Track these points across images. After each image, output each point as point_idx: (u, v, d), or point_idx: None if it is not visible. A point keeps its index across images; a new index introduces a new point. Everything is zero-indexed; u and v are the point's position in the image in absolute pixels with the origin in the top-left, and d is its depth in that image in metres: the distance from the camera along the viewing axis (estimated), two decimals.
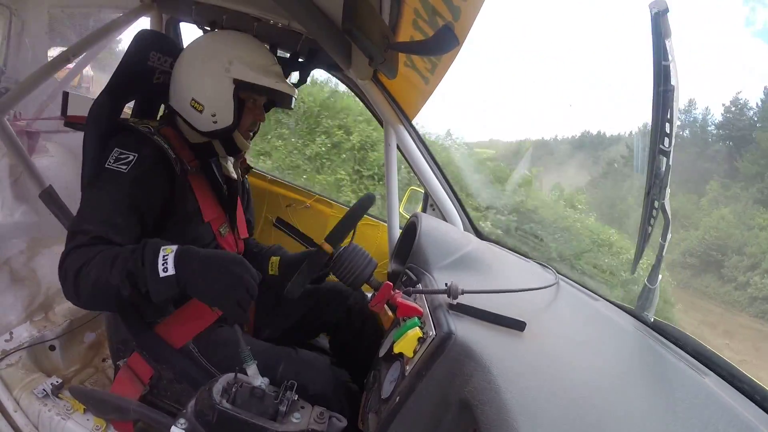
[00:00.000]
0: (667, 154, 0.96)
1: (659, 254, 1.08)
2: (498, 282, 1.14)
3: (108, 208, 0.98)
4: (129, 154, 1.02)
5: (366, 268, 1.11)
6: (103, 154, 1.03)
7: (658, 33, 0.88)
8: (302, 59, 1.36)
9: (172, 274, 0.86)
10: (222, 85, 1.10)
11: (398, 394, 0.75)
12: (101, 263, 0.90)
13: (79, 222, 0.98)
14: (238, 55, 1.11)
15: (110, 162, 1.01)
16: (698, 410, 0.81)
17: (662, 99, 0.91)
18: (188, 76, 1.13)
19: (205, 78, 1.11)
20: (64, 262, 0.94)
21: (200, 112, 1.12)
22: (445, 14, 0.98)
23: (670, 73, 0.90)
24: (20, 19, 2.07)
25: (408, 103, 1.58)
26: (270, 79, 1.13)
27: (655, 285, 1.13)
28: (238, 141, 1.19)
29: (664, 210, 1.02)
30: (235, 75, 1.10)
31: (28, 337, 1.50)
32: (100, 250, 0.92)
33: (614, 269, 5.92)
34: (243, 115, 1.16)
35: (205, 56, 1.12)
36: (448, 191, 1.69)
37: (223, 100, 1.11)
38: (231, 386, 0.81)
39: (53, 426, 1.31)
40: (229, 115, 1.13)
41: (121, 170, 1.01)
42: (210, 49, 1.13)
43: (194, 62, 1.13)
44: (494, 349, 0.72)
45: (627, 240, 6.59)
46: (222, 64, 1.10)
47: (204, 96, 1.11)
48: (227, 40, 1.15)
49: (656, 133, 0.96)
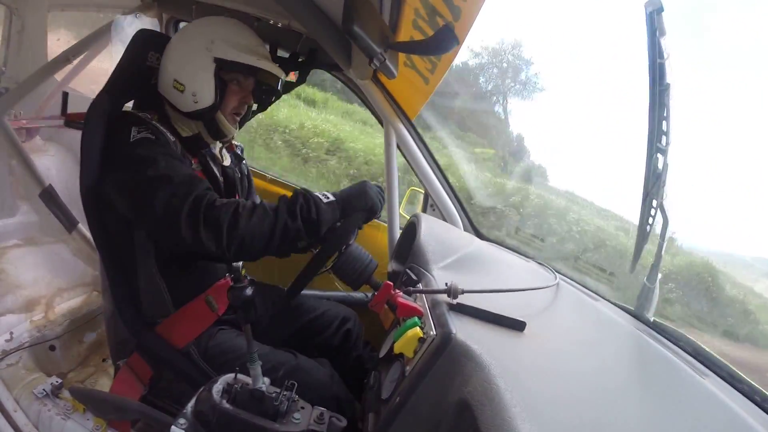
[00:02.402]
0: (664, 152, 0.96)
1: (658, 253, 1.08)
2: (498, 282, 1.14)
3: (176, 162, 1.02)
4: (144, 127, 1.04)
5: (366, 268, 1.11)
6: (119, 139, 1.04)
7: (653, 31, 0.88)
8: (302, 59, 1.36)
9: (333, 200, 1.03)
10: (202, 63, 1.09)
11: (398, 395, 0.75)
12: (260, 207, 0.98)
13: (172, 176, 0.97)
14: (220, 34, 1.11)
15: (135, 135, 1.02)
16: (698, 411, 0.81)
17: (658, 97, 0.92)
18: (171, 58, 1.13)
19: (187, 57, 1.11)
20: (201, 209, 0.94)
21: (182, 93, 1.11)
22: (446, 14, 0.98)
23: (665, 71, 0.90)
24: (20, 18, 2.07)
25: (408, 102, 1.58)
26: (252, 58, 1.11)
27: (654, 284, 1.13)
28: (221, 123, 1.16)
29: (663, 209, 1.02)
30: (216, 54, 1.09)
31: (28, 337, 1.50)
32: (236, 201, 0.98)
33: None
34: (226, 96, 1.14)
35: (187, 37, 1.13)
36: (448, 191, 1.68)
37: (203, 79, 1.10)
38: (231, 386, 0.81)
39: (53, 426, 1.31)
40: (210, 95, 1.11)
41: (150, 137, 1.03)
42: (193, 30, 1.14)
43: (178, 44, 1.13)
44: (494, 350, 0.72)
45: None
46: (203, 43, 1.09)
47: (185, 75, 1.11)
48: (211, 22, 1.15)
49: (653, 132, 0.96)
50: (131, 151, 1.01)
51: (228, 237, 0.94)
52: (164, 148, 1.04)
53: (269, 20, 1.37)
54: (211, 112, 1.14)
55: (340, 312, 1.38)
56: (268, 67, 1.14)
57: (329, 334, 1.33)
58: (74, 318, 1.65)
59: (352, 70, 1.26)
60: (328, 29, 1.10)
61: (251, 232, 0.95)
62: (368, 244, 1.24)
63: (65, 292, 1.76)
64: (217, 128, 1.17)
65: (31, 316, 1.59)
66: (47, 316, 1.61)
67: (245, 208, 0.96)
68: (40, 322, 1.58)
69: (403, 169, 1.71)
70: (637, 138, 1.15)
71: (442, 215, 1.66)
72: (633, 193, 3.26)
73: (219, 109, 1.14)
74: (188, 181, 0.98)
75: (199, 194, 0.96)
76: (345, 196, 1.05)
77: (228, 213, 0.94)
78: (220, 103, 1.14)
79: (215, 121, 1.15)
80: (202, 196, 0.96)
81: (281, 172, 5.88)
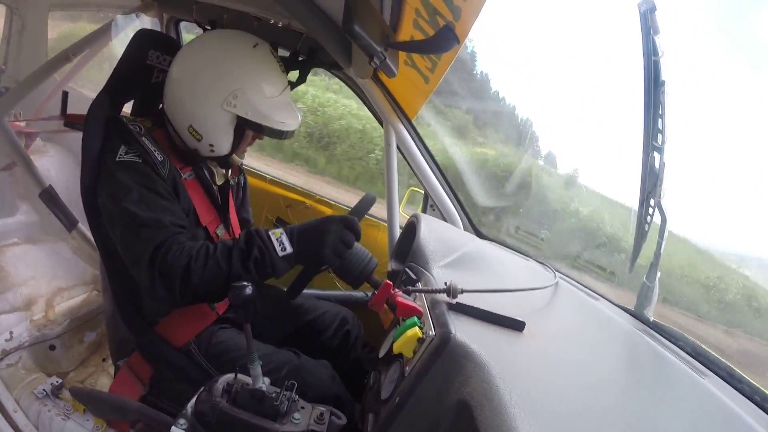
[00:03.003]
0: (660, 150, 0.96)
1: (657, 251, 1.08)
2: (497, 281, 1.14)
3: (152, 197, 1.00)
4: (132, 148, 1.03)
5: (366, 267, 1.11)
6: (110, 151, 1.03)
7: (647, 30, 0.88)
8: (302, 58, 1.36)
9: (290, 252, 0.97)
10: (223, 119, 1.06)
11: (398, 395, 0.75)
12: (212, 258, 0.95)
13: (142, 213, 0.97)
14: (244, 84, 1.04)
15: (121, 155, 1.01)
16: (697, 410, 0.81)
17: (653, 95, 0.92)
18: (186, 99, 1.07)
19: (206, 110, 1.06)
20: (157, 259, 0.93)
21: (198, 141, 1.09)
22: (446, 14, 0.98)
23: (660, 69, 0.90)
24: (20, 18, 2.07)
25: (408, 102, 1.58)
26: (276, 120, 1.07)
27: (653, 283, 1.13)
28: (232, 161, 1.17)
29: (660, 207, 1.02)
30: (239, 112, 1.05)
31: (28, 337, 1.50)
32: (192, 245, 0.96)
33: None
34: (242, 141, 1.13)
35: (206, 81, 1.04)
36: (448, 191, 1.68)
37: (223, 131, 1.08)
38: (231, 386, 0.81)
39: (53, 426, 1.31)
40: (227, 145, 1.11)
41: (135, 161, 1.01)
42: (213, 71, 1.04)
43: (194, 85, 1.05)
44: (493, 350, 0.72)
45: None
46: (224, 96, 1.03)
47: (203, 127, 1.07)
48: (235, 61, 1.05)
49: (649, 130, 0.96)
50: (114, 171, 1.01)
51: (181, 291, 0.94)
52: (145, 177, 1.01)
53: (269, 20, 1.37)
54: (226, 157, 1.14)
55: (340, 313, 1.38)
56: (291, 127, 1.10)
57: (328, 335, 1.33)
58: (74, 317, 1.65)
59: (352, 69, 1.27)
60: (328, 28, 1.09)
61: (203, 286, 0.95)
62: (368, 243, 1.24)
63: (65, 292, 1.76)
64: (227, 162, 1.18)
65: (31, 315, 1.59)
66: (47, 316, 1.61)
67: (198, 259, 0.94)
68: (40, 322, 1.58)
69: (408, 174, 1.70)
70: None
71: (442, 215, 1.66)
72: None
73: (234, 152, 1.14)
74: (153, 224, 0.97)
75: (158, 243, 0.95)
76: (301, 244, 0.99)
77: (180, 268, 0.93)
78: (236, 148, 1.13)
79: (226, 158, 1.15)
80: (160, 245, 0.94)
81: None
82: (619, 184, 4.74)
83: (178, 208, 1.05)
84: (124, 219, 0.98)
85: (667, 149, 0.96)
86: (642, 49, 0.91)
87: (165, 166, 1.05)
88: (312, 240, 0.99)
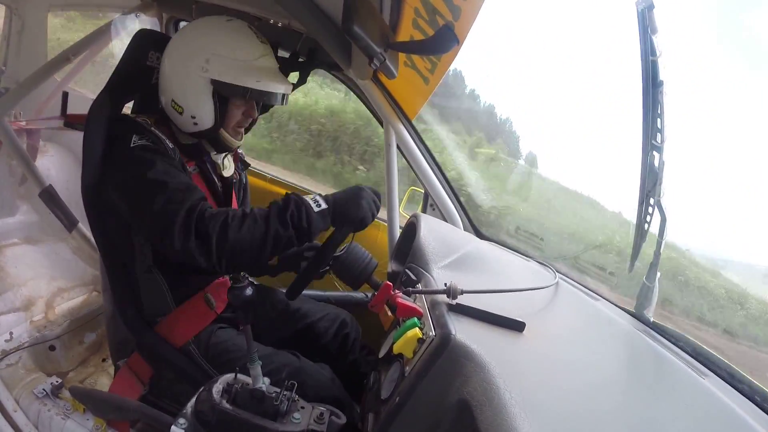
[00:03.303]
0: (659, 149, 0.96)
1: (657, 251, 1.08)
2: (498, 281, 1.14)
3: (174, 170, 1.01)
4: (144, 136, 1.03)
5: (366, 268, 1.11)
6: (121, 142, 1.03)
7: (645, 29, 0.88)
8: (302, 59, 1.36)
9: (325, 207, 1.00)
10: (199, 85, 1.05)
11: (398, 395, 0.75)
12: (250, 216, 0.95)
13: (168, 182, 0.96)
14: (217, 49, 1.04)
15: (135, 141, 1.02)
16: (697, 411, 0.81)
17: (652, 94, 0.92)
18: (167, 75, 1.10)
19: (183, 79, 1.07)
20: (193, 218, 0.92)
21: (180, 114, 1.09)
22: (446, 14, 0.98)
23: (658, 68, 0.90)
24: (20, 18, 2.06)
25: (408, 102, 1.58)
26: (250, 78, 1.05)
27: (653, 283, 1.13)
28: (224, 139, 1.14)
29: (660, 206, 1.01)
30: (212, 75, 1.04)
31: (28, 338, 1.50)
32: (225, 210, 0.96)
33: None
34: (228, 113, 1.10)
35: (182, 53, 1.07)
36: (448, 191, 1.68)
37: (201, 101, 1.06)
38: (231, 386, 0.81)
39: (53, 426, 1.31)
40: (209, 117, 1.08)
41: (150, 144, 1.02)
42: (189, 44, 1.08)
43: (173, 60, 1.09)
44: (493, 350, 0.72)
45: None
46: (199, 63, 1.04)
47: (182, 98, 1.08)
48: (207, 31, 1.08)
49: (648, 129, 0.95)
50: (132, 155, 1.01)
51: (218, 250, 0.92)
52: (163, 155, 1.03)
53: (269, 20, 1.37)
54: (213, 132, 1.12)
55: (339, 316, 1.37)
56: (270, 87, 1.08)
57: (328, 338, 1.32)
58: (74, 318, 1.65)
59: (351, 70, 1.27)
60: (328, 29, 1.09)
61: (241, 243, 0.93)
62: (368, 243, 1.24)
63: (65, 292, 1.76)
64: (221, 144, 1.15)
65: (31, 316, 1.59)
66: (47, 316, 1.61)
67: (235, 218, 0.94)
68: (40, 322, 1.58)
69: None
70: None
71: (442, 215, 1.66)
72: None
73: (221, 127, 1.11)
74: (184, 189, 0.97)
75: (192, 204, 0.94)
76: (337, 205, 1.01)
77: (217, 224, 0.92)
78: (222, 122, 1.10)
79: (218, 137, 1.13)
80: (195, 206, 0.94)
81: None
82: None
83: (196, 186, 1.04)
84: (153, 188, 0.96)
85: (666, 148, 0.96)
86: (639, 48, 0.91)
87: (176, 154, 1.07)
88: (347, 200, 1.02)
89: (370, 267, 1.11)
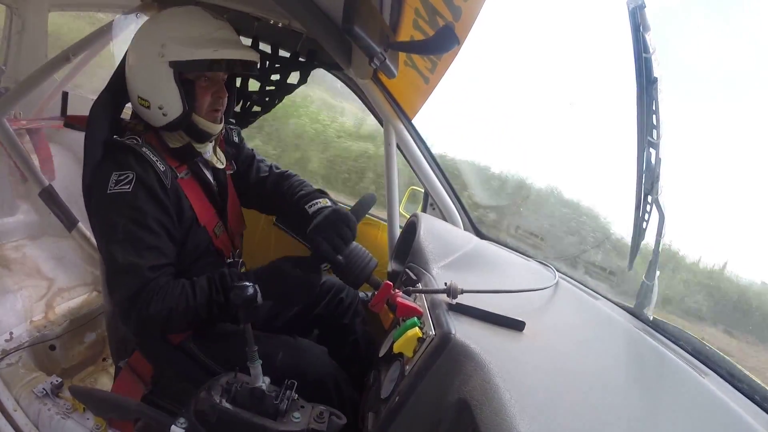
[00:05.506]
0: (656, 146, 0.96)
1: (656, 249, 1.08)
2: (498, 281, 1.14)
3: (138, 234, 0.98)
4: (127, 173, 1.00)
5: (366, 267, 1.10)
6: (102, 179, 1.01)
7: (637, 27, 0.88)
8: (302, 59, 1.36)
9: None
10: (159, 72, 1.02)
11: (398, 394, 0.75)
12: (183, 300, 0.98)
13: (122, 256, 0.97)
14: (170, 34, 1.02)
15: (111, 187, 0.99)
16: (697, 410, 0.81)
17: (646, 91, 0.92)
18: (131, 73, 1.07)
19: (143, 72, 1.04)
20: (135, 308, 0.95)
21: (148, 108, 1.05)
22: (446, 14, 0.98)
23: (652, 65, 0.90)
24: (20, 18, 2.07)
25: (408, 102, 1.58)
26: (207, 50, 1.01)
27: (653, 281, 1.13)
28: (201, 125, 1.08)
29: (658, 204, 1.01)
30: (170, 57, 1.00)
31: (28, 337, 1.50)
32: (172, 291, 0.98)
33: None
34: (197, 96, 1.06)
35: (138, 46, 1.05)
36: (448, 190, 1.69)
37: (165, 88, 1.02)
38: (231, 386, 0.81)
39: (53, 425, 1.31)
40: (177, 104, 1.04)
41: (125, 191, 0.99)
42: (145, 37, 1.05)
43: (133, 56, 1.06)
44: (493, 349, 0.72)
45: None
46: (155, 50, 1.01)
47: (147, 91, 1.04)
48: (159, 20, 1.06)
49: (643, 126, 0.95)
50: (105, 205, 1.01)
51: (162, 333, 1.05)
52: (135, 210, 0.99)
53: (269, 20, 1.37)
54: (186, 120, 1.06)
55: (334, 284, 1.37)
56: (229, 54, 1.03)
57: (323, 305, 1.34)
58: (74, 318, 1.65)
59: (352, 70, 1.27)
60: (328, 29, 1.09)
61: (184, 327, 1.04)
62: (368, 243, 1.24)
63: (65, 292, 1.76)
64: (199, 131, 1.10)
65: (31, 315, 1.59)
66: (47, 316, 1.61)
67: (178, 310, 0.97)
68: (40, 322, 1.58)
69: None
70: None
71: (442, 214, 1.66)
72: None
73: (194, 112, 1.07)
74: (131, 270, 0.96)
75: (134, 291, 0.95)
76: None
77: (161, 318, 0.96)
78: (193, 106, 1.06)
79: (194, 125, 1.08)
80: (138, 292, 0.95)
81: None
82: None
83: (166, 241, 1.02)
84: (106, 260, 1.01)
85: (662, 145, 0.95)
86: (632, 46, 0.90)
87: (167, 177, 1.04)
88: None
89: (370, 266, 1.11)
